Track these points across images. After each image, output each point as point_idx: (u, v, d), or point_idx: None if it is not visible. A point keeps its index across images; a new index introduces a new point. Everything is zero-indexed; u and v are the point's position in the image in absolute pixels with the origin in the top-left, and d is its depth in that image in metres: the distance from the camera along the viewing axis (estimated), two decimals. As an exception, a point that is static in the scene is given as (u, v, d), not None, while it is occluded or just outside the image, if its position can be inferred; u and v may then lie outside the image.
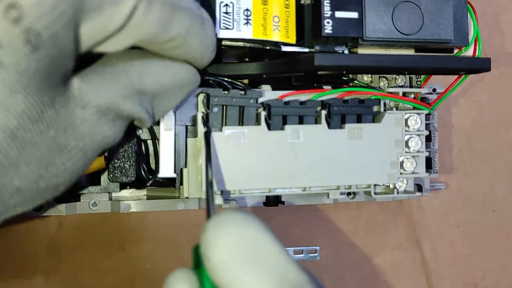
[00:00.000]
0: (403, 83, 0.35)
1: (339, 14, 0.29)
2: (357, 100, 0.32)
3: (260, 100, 0.30)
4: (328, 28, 0.28)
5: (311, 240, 0.45)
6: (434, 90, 0.43)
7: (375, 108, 0.32)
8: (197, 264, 0.21)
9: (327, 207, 0.45)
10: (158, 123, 0.29)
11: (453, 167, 0.48)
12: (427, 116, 0.36)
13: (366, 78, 0.35)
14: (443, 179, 0.47)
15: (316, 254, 0.45)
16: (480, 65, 0.31)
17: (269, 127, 0.30)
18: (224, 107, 0.30)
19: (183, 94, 0.26)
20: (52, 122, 0.20)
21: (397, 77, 0.35)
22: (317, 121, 0.31)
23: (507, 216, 0.49)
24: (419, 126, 0.33)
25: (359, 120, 0.32)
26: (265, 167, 0.30)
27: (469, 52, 0.32)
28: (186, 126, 0.30)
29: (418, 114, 0.33)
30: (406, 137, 0.33)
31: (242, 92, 0.30)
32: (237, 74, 0.30)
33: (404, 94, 0.33)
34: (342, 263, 0.45)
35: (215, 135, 0.29)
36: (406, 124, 0.33)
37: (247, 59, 0.32)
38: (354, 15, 0.29)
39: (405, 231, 0.47)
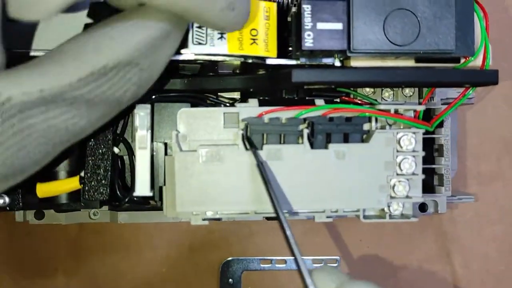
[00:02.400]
0: (411, 94, 0.32)
1: (321, 25, 0.27)
2: (343, 118, 0.29)
3: (240, 117, 0.29)
4: (308, 41, 0.26)
5: (332, 250, 0.44)
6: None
7: (365, 126, 0.30)
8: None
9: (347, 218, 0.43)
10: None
11: (489, 177, 0.44)
12: (439, 130, 0.33)
13: (368, 89, 0.32)
14: (478, 190, 0.44)
15: (336, 265, 0.43)
16: (486, 79, 0.27)
17: (246, 146, 0.28)
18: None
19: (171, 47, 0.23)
20: None
21: (403, 87, 0.32)
22: (300, 140, 0.29)
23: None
24: (414, 146, 0.30)
25: (346, 139, 0.29)
26: (241, 189, 0.28)
27: (477, 61, 0.28)
28: (165, 143, 0.29)
29: (414, 133, 0.30)
30: (399, 159, 0.30)
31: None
32: (221, 88, 0.29)
33: (396, 111, 0.30)
34: (365, 275, 0.44)
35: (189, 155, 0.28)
36: (399, 144, 0.30)
37: (238, 71, 0.31)
38: (338, 26, 0.27)
39: (434, 244, 0.44)
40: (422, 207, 0.36)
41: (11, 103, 0.19)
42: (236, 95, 0.32)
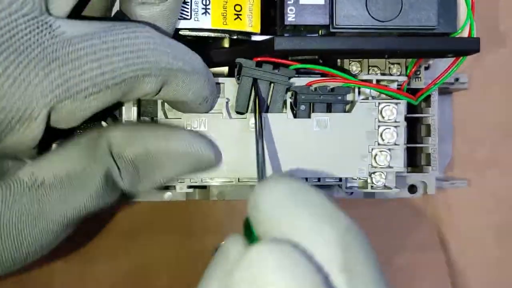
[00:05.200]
0: (399, 73, 0.32)
1: (303, 0, 0.27)
2: (326, 88, 0.29)
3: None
4: (291, 16, 0.27)
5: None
6: (457, 79, 0.39)
7: (349, 97, 0.30)
8: (247, 234, 0.22)
9: (342, 202, 0.43)
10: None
11: (486, 164, 0.44)
12: (426, 110, 0.33)
13: (355, 67, 0.32)
14: (474, 176, 0.44)
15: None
16: (467, 46, 0.28)
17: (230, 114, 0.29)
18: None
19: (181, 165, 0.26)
20: None
21: (391, 66, 0.32)
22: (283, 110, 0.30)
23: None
24: (395, 117, 0.30)
25: (329, 109, 0.30)
26: (229, 156, 0.29)
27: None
28: (152, 118, 0.30)
29: (396, 104, 0.30)
30: (381, 129, 0.30)
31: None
32: (207, 63, 0.30)
33: (378, 81, 0.30)
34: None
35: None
36: (381, 115, 0.30)
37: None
38: (320, 1, 0.27)
39: (429, 231, 0.44)
40: (412, 189, 0.36)
41: (45, 184, 0.23)
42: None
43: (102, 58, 0.21)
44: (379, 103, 0.30)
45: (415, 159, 0.35)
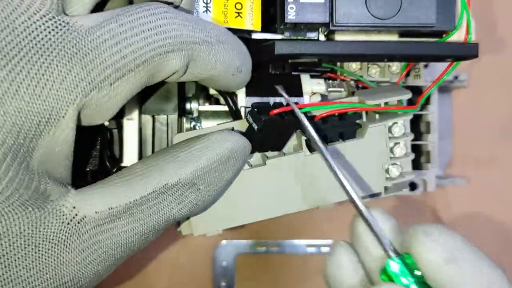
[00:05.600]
0: (398, 71, 0.32)
1: (304, -2, 0.27)
2: (337, 118, 0.29)
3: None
4: (291, 14, 0.27)
5: (326, 235, 0.44)
6: (456, 77, 0.39)
7: (357, 121, 0.30)
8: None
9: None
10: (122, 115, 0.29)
11: (485, 162, 0.44)
12: (426, 107, 0.33)
13: (355, 65, 0.32)
14: (474, 174, 0.44)
15: (329, 250, 0.43)
16: (466, 52, 0.28)
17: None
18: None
19: (230, 171, 0.26)
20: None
21: (391, 64, 0.32)
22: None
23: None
24: (404, 132, 0.30)
25: (341, 136, 0.30)
26: (254, 199, 0.29)
27: (459, 37, 0.29)
28: (153, 116, 0.30)
29: (402, 119, 0.30)
30: (391, 144, 0.31)
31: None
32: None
33: (386, 103, 0.30)
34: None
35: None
36: (390, 132, 0.30)
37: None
38: (320, -1, 0.27)
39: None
40: (412, 186, 0.36)
41: (85, 221, 0.22)
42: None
43: (121, 42, 0.21)
44: (387, 124, 0.30)
45: (415, 157, 0.35)
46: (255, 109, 0.28)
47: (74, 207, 0.22)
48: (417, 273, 0.22)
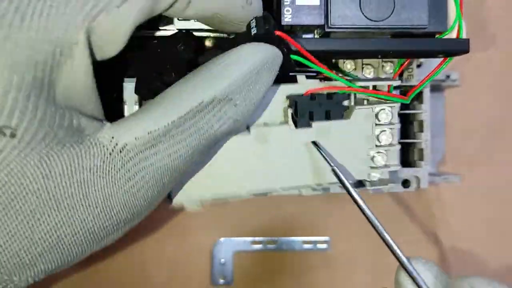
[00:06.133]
0: (392, 71, 0.33)
1: (299, 1, 0.28)
2: (325, 96, 0.30)
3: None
4: (288, 17, 0.28)
5: (321, 232, 0.45)
6: (448, 76, 0.40)
7: (345, 103, 0.31)
8: None
9: (339, 198, 0.44)
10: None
11: (478, 160, 0.45)
12: (418, 106, 0.34)
13: (350, 66, 0.33)
14: (467, 172, 0.45)
15: (326, 246, 0.44)
16: (456, 47, 0.29)
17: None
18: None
19: (264, 82, 0.25)
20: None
21: (384, 64, 0.33)
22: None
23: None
24: (391, 119, 0.31)
25: (327, 115, 0.30)
26: (236, 170, 0.29)
27: (451, 36, 0.29)
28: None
29: (390, 106, 0.31)
30: (377, 131, 0.31)
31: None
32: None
33: (374, 87, 0.31)
34: (354, 256, 0.44)
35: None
36: (377, 118, 0.31)
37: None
38: (315, 2, 0.28)
39: (421, 226, 0.45)
40: (405, 183, 0.37)
41: (127, 149, 0.22)
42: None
43: None
44: (375, 108, 0.31)
45: (408, 154, 0.36)
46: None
47: (112, 137, 0.21)
48: None
